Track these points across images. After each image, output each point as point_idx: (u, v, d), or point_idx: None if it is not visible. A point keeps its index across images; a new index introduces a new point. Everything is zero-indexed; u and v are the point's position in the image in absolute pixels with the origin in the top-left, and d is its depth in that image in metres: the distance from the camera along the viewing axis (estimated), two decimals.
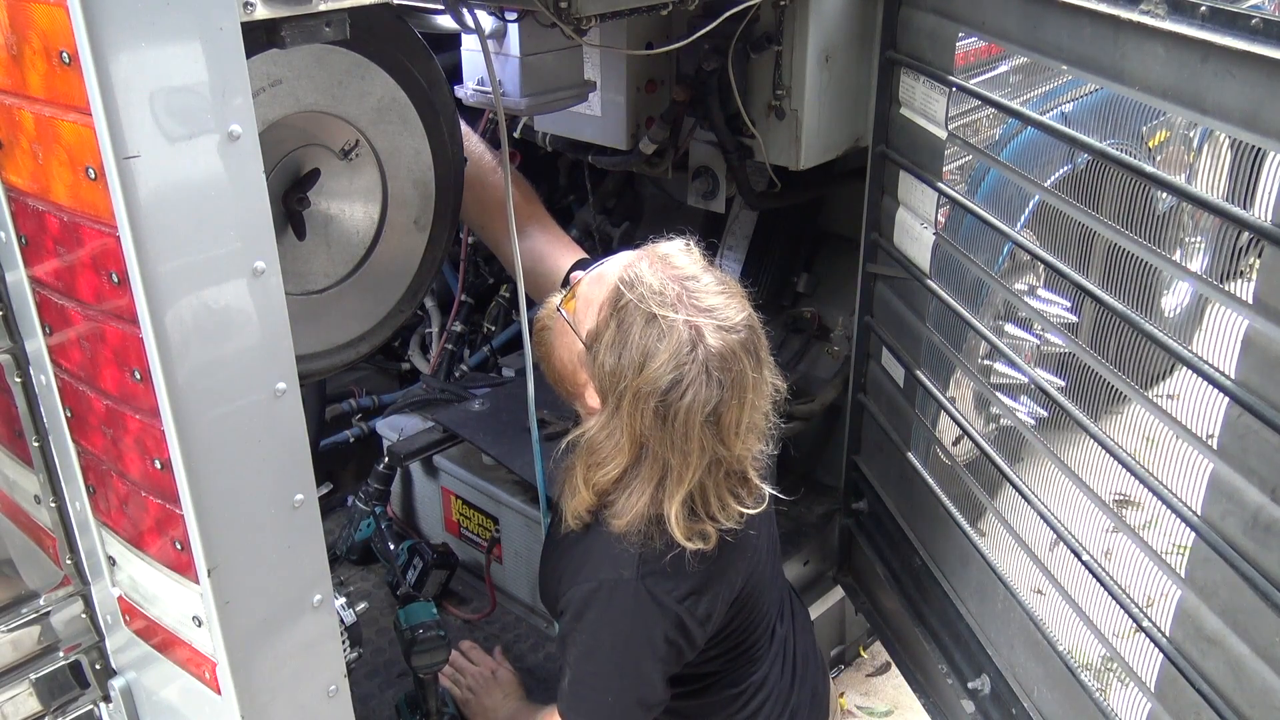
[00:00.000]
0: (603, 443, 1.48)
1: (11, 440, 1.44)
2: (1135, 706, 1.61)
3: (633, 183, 3.00)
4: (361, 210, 1.72)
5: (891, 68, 2.05)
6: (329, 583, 1.38)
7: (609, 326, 1.46)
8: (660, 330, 1.41)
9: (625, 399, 1.43)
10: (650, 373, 1.41)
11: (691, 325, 1.42)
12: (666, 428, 1.42)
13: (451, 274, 3.04)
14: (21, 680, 1.48)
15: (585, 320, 1.52)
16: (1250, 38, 1.22)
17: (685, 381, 1.40)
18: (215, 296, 1.17)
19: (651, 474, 1.46)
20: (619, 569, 1.52)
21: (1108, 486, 1.65)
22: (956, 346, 2.10)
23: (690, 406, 1.41)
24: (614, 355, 1.44)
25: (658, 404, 1.41)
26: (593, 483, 1.51)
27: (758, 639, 1.75)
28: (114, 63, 1.03)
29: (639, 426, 1.44)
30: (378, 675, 2.31)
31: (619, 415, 1.45)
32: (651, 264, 1.47)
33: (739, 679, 1.75)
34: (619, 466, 1.48)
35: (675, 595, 1.53)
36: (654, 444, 1.45)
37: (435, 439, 2.55)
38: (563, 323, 1.58)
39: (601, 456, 1.49)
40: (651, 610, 1.52)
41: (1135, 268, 1.60)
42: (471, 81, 2.00)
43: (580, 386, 1.56)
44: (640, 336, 1.42)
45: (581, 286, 1.57)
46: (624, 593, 1.52)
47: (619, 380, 1.44)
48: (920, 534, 2.23)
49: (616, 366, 1.44)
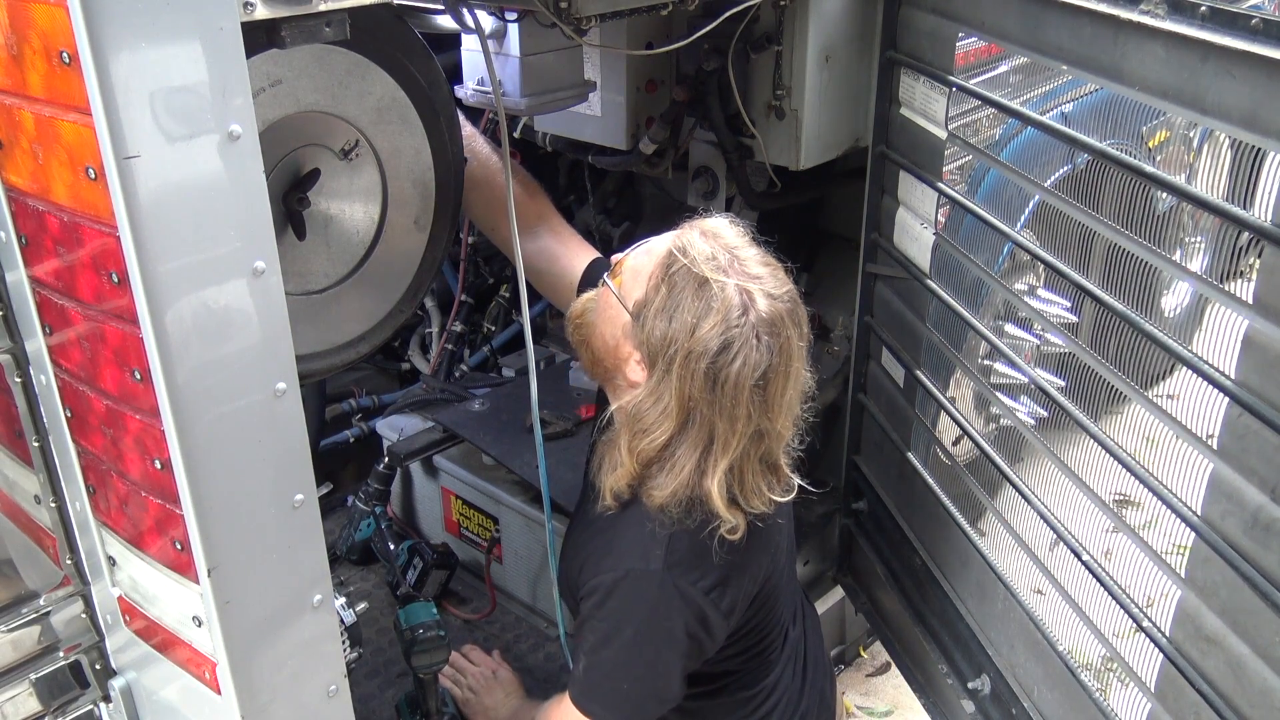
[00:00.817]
0: (649, 409, 1.48)
1: (11, 440, 1.44)
2: (1135, 706, 1.61)
3: (633, 183, 3.01)
4: (361, 210, 1.72)
5: (891, 68, 2.05)
6: (329, 583, 1.38)
7: (659, 292, 1.47)
8: (712, 294, 1.43)
9: (676, 362, 1.44)
10: (702, 335, 1.42)
11: (742, 290, 1.44)
12: (716, 392, 1.43)
13: (451, 274, 3.04)
14: (21, 680, 1.48)
15: (632, 291, 1.53)
16: (1250, 38, 1.22)
17: (736, 345, 1.42)
18: (215, 296, 1.17)
19: (698, 441, 1.47)
20: (646, 559, 1.52)
21: (1108, 486, 1.65)
22: (956, 346, 2.10)
23: (740, 371, 1.42)
24: (665, 320, 1.45)
25: (708, 366, 1.42)
26: (638, 450, 1.50)
27: (772, 640, 1.75)
28: (114, 63, 1.03)
29: (688, 390, 1.44)
30: (378, 675, 2.31)
31: (668, 380, 1.45)
32: (702, 235, 1.50)
33: (752, 681, 1.74)
34: (666, 433, 1.47)
35: (701, 587, 1.53)
36: (702, 409, 1.45)
37: (435, 439, 2.56)
38: (607, 299, 1.58)
39: (648, 423, 1.48)
40: (676, 602, 1.52)
41: (1135, 268, 1.60)
42: (471, 81, 2.00)
43: (622, 362, 1.56)
44: (693, 300, 1.44)
45: (628, 260, 1.58)
46: (649, 583, 1.52)
47: (670, 344, 1.45)
48: (920, 534, 2.23)
49: (668, 331, 1.45)
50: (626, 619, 1.56)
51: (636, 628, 1.56)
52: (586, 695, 1.61)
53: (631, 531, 1.55)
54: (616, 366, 1.58)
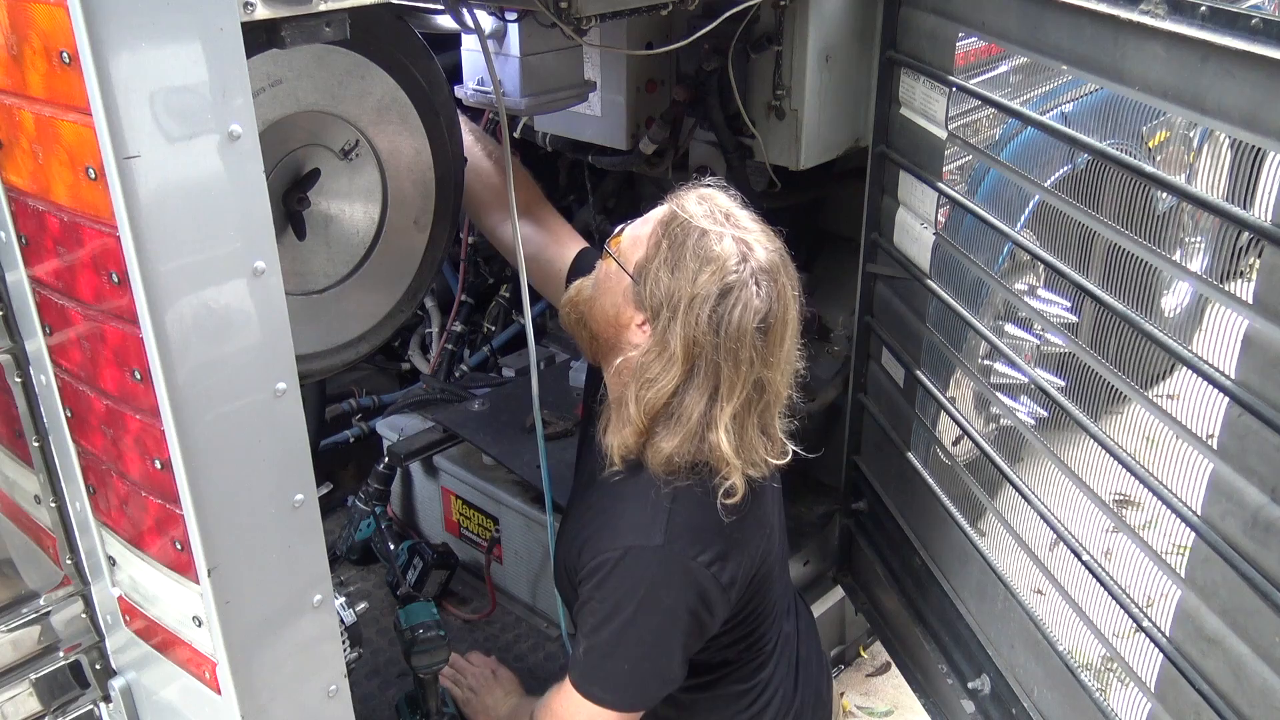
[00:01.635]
0: (655, 360, 1.50)
1: (11, 440, 1.44)
2: (1135, 706, 1.61)
3: (633, 183, 3.00)
4: (361, 210, 1.72)
5: (891, 68, 2.05)
6: (329, 583, 1.38)
7: (660, 249, 1.52)
8: (711, 243, 1.49)
9: (680, 310, 1.48)
10: (704, 281, 1.47)
11: (739, 239, 1.50)
12: (720, 335, 1.47)
13: (451, 274, 3.04)
14: (21, 680, 1.48)
15: (633, 256, 1.57)
16: (1250, 38, 1.22)
17: (737, 290, 1.47)
18: (215, 296, 1.17)
19: (703, 387, 1.49)
20: (647, 535, 1.53)
21: (1108, 486, 1.65)
22: (956, 346, 2.10)
23: (743, 315, 1.47)
24: (667, 272, 1.50)
25: (711, 311, 1.46)
26: (645, 401, 1.51)
27: (766, 631, 1.75)
28: (114, 63, 1.03)
29: (693, 334, 1.47)
30: (378, 675, 2.31)
31: (673, 328, 1.48)
32: (698, 198, 1.56)
33: (747, 675, 1.74)
34: (674, 380, 1.49)
35: (702, 560, 1.53)
36: (707, 354, 1.48)
37: (435, 439, 2.56)
38: (606, 271, 1.62)
39: (655, 373, 1.50)
40: (677, 576, 1.52)
41: (1135, 268, 1.60)
42: (471, 81, 2.00)
43: (623, 329, 1.58)
44: (693, 250, 1.49)
45: (626, 231, 1.62)
46: (650, 559, 1.53)
47: (674, 294, 1.49)
48: (920, 534, 2.23)
49: (670, 282, 1.49)
50: (627, 596, 1.55)
51: (637, 605, 1.55)
52: (587, 678, 1.60)
53: (632, 507, 1.56)
54: (618, 334, 1.59)
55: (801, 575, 2.63)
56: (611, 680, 1.59)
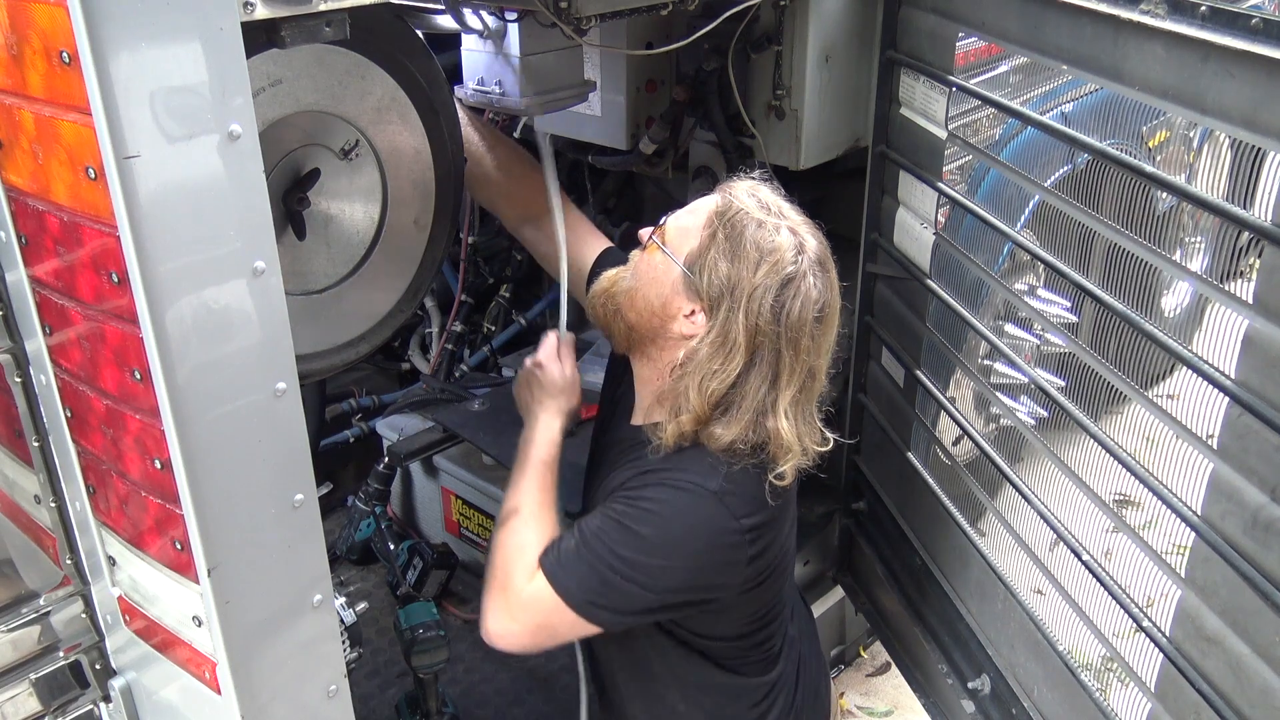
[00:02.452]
0: (717, 350, 1.52)
1: (11, 440, 1.44)
2: (1135, 706, 1.61)
3: (633, 183, 3.00)
4: (361, 210, 1.72)
5: (891, 68, 2.05)
6: (329, 583, 1.38)
7: (715, 239, 1.53)
8: (768, 232, 1.51)
9: (742, 300, 1.49)
10: (765, 270, 1.49)
11: (792, 230, 1.53)
12: (781, 325, 1.50)
13: (451, 274, 3.04)
14: (21, 680, 1.48)
15: (681, 247, 1.58)
16: (1250, 38, 1.22)
17: (797, 278, 1.50)
18: (215, 296, 1.17)
19: (765, 374, 1.52)
20: (706, 478, 1.53)
21: (1108, 486, 1.65)
22: (956, 346, 2.10)
23: (804, 303, 1.50)
24: (726, 261, 1.51)
25: (774, 301, 1.49)
26: (708, 391, 1.52)
27: (776, 628, 1.74)
28: (114, 63, 1.03)
29: (755, 323, 1.49)
30: (378, 675, 2.31)
31: (735, 317, 1.50)
32: (747, 189, 1.58)
33: (757, 672, 1.74)
34: (736, 369, 1.51)
35: (746, 523, 1.52)
36: (769, 342, 1.50)
37: (435, 439, 2.56)
38: (649, 262, 1.62)
39: (717, 364, 1.51)
40: (716, 522, 1.51)
41: (1135, 268, 1.60)
42: (471, 81, 2.00)
43: (669, 319, 1.58)
44: (752, 239, 1.51)
45: (671, 223, 1.63)
46: (700, 498, 1.52)
47: (734, 284, 1.50)
48: (920, 534, 2.23)
49: (730, 271, 1.51)
50: (656, 515, 1.52)
51: (662, 526, 1.52)
52: (561, 565, 1.54)
53: (691, 458, 1.56)
54: (662, 324, 1.60)
55: (801, 575, 2.63)
56: (584, 582, 1.53)
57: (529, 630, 1.56)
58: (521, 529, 1.61)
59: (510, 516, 1.64)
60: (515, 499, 1.66)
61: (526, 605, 1.55)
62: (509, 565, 1.58)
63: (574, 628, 1.55)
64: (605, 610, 1.54)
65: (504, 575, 1.58)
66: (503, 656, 2.33)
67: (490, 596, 1.58)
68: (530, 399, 1.80)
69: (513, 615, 1.56)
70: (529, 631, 1.56)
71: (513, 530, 1.62)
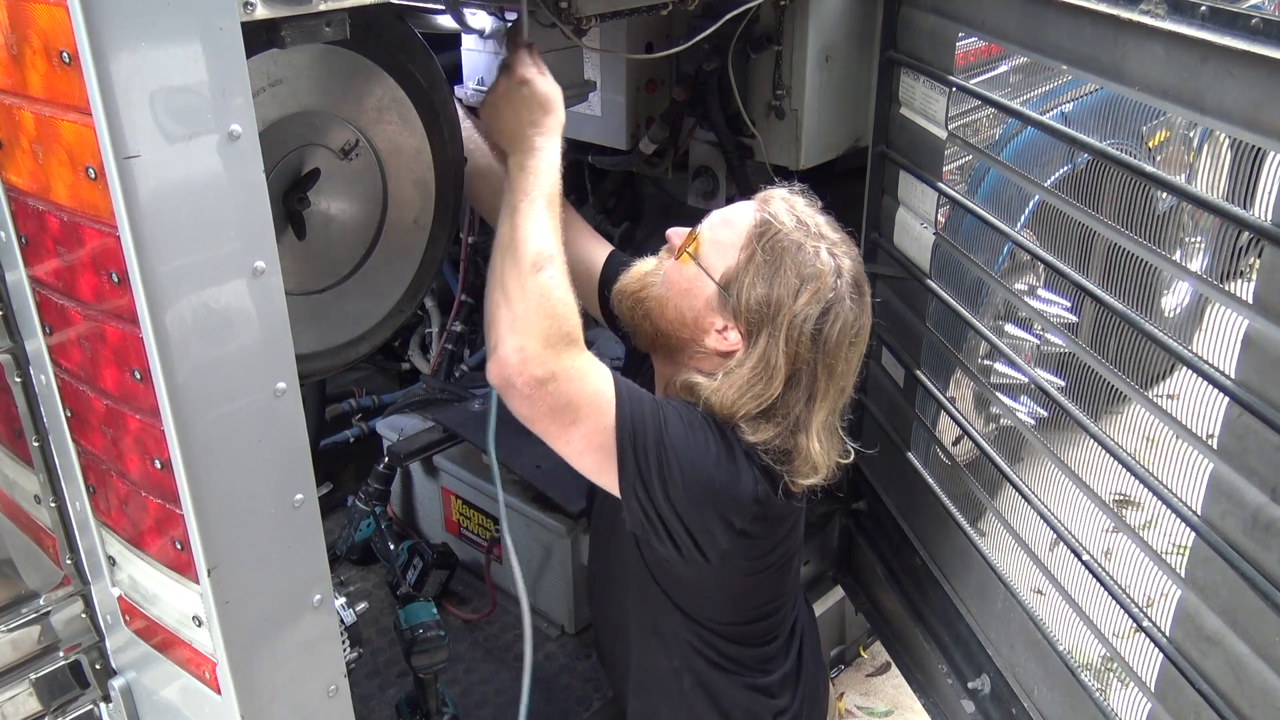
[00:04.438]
0: (756, 376, 1.51)
1: (11, 440, 1.44)
2: (1135, 706, 1.61)
3: (633, 183, 3.00)
4: (361, 210, 1.72)
5: (891, 68, 2.05)
6: (329, 583, 1.38)
7: (754, 260, 1.52)
8: (808, 257, 1.51)
9: (783, 326, 1.50)
10: (808, 297, 1.50)
11: (831, 253, 1.53)
12: (819, 349, 1.51)
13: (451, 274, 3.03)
14: (21, 680, 1.48)
15: (716, 263, 1.56)
16: (1250, 38, 1.22)
17: (836, 303, 1.51)
18: (215, 296, 1.17)
19: (801, 394, 1.53)
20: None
21: (1108, 486, 1.65)
22: (956, 346, 2.10)
23: (842, 330, 1.51)
24: (764, 285, 1.51)
25: (814, 329, 1.50)
26: (742, 410, 1.52)
27: (781, 623, 1.75)
28: (114, 63, 1.03)
29: (795, 349, 1.50)
30: (378, 675, 2.31)
31: (775, 343, 1.50)
32: (785, 205, 1.56)
33: (762, 670, 1.74)
34: (775, 392, 1.51)
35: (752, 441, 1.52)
36: (806, 367, 1.51)
37: (435, 439, 2.55)
38: (681, 273, 1.59)
39: (758, 388, 1.51)
40: (734, 450, 1.51)
41: (1135, 268, 1.60)
42: (471, 81, 2.00)
43: (701, 333, 1.58)
44: (792, 264, 1.51)
45: (705, 234, 1.60)
46: (726, 440, 1.51)
47: (775, 308, 1.50)
48: (920, 534, 2.23)
49: (769, 295, 1.50)
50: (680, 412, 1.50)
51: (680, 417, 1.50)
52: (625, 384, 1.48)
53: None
54: (693, 338, 1.59)
55: (802, 575, 2.63)
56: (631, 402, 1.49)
57: (552, 386, 1.43)
58: (563, 279, 1.48)
59: (545, 262, 1.47)
60: (542, 240, 1.49)
61: (572, 373, 1.44)
62: (565, 313, 1.45)
63: (591, 420, 1.45)
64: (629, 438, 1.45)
65: (556, 320, 1.44)
66: (502, 656, 2.34)
67: (528, 330, 1.43)
68: (522, 121, 1.58)
69: (556, 360, 1.42)
70: (551, 386, 1.43)
71: (555, 278, 1.47)
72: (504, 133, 1.61)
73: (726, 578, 1.62)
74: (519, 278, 1.46)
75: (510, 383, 1.43)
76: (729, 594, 1.67)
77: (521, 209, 1.51)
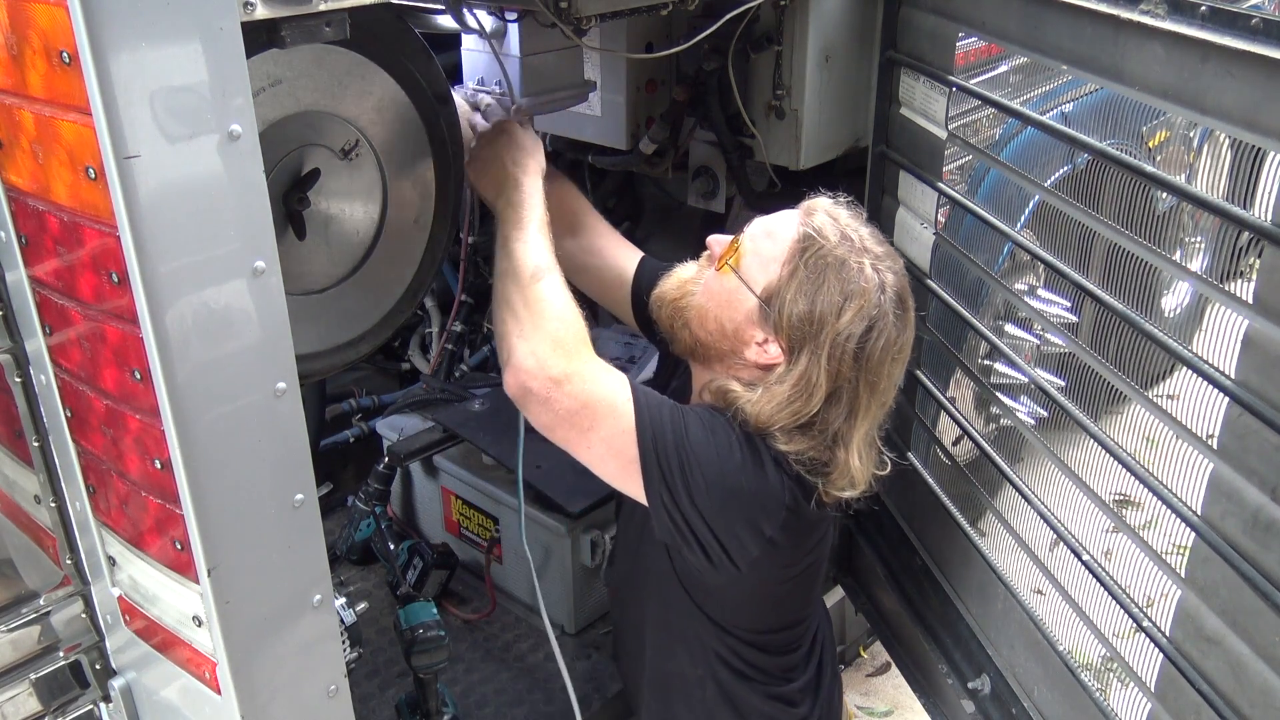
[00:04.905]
0: (798, 394, 1.50)
1: (11, 440, 1.44)
2: (1135, 706, 1.61)
3: (633, 183, 3.00)
4: (361, 210, 1.72)
5: (891, 68, 2.05)
6: (329, 583, 1.38)
7: (797, 275, 1.51)
8: (852, 274, 1.49)
9: (826, 343, 1.48)
10: (851, 315, 1.48)
11: (875, 268, 1.51)
12: (861, 366, 1.49)
13: (451, 274, 3.04)
14: (21, 680, 1.48)
15: (758, 277, 1.55)
16: (1250, 38, 1.22)
17: (879, 319, 1.49)
18: (215, 296, 1.17)
19: (842, 410, 1.52)
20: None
21: (1108, 486, 1.65)
22: (956, 346, 2.10)
23: (885, 347, 1.50)
24: (806, 301, 1.49)
25: (857, 347, 1.48)
26: (778, 423, 1.51)
27: (804, 634, 1.75)
28: (114, 63, 1.03)
29: (837, 368, 1.49)
30: (378, 675, 2.31)
31: (817, 360, 1.49)
32: (829, 218, 1.55)
33: (784, 678, 1.74)
34: (815, 407, 1.51)
35: (788, 482, 1.51)
36: (848, 384, 1.50)
37: (435, 439, 2.56)
38: (720, 284, 1.59)
39: (798, 404, 1.50)
40: (762, 455, 1.50)
41: (1135, 268, 1.60)
42: (471, 81, 2.00)
43: (741, 345, 1.57)
44: (835, 280, 1.49)
45: (747, 245, 1.59)
46: (753, 445, 1.50)
47: (818, 325, 1.49)
48: (920, 534, 2.23)
49: (811, 312, 1.49)
50: (702, 422, 1.50)
51: (705, 427, 1.50)
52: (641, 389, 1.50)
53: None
54: (733, 350, 1.58)
55: None
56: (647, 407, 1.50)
57: (567, 388, 1.47)
58: (564, 287, 1.54)
59: (544, 273, 1.55)
60: (539, 257, 1.56)
61: (587, 375, 1.48)
62: (571, 317, 1.51)
63: (608, 423, 1.47)
64: (650, 452, 1.47)
65: (564, 323, 1.50)
66: (502, 656, 2.34)
67: (538, 336, 1.48)
68: (505, 161, 1.68)
69: (569, 361, 1.47)
70: (566, 387, 1.47)
71: (557, 288, 1.54)
72: (490, 177, 1.69)
73: (758, 586, 1.62)
74: (521, 291, 1.53)
75: (527, 389, 1.47)
76: (760, 603, 1.67)
77: (514, 237, 1.59)
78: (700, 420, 1.51)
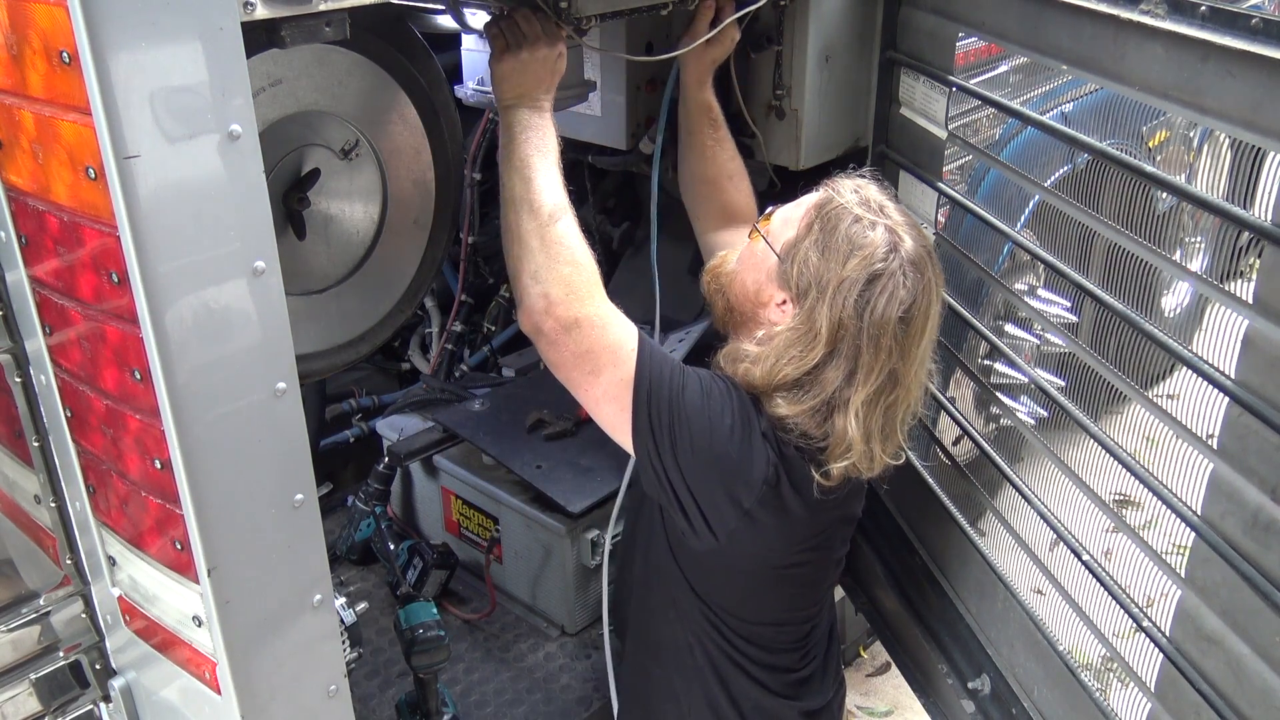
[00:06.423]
0: (799, 339, 1.52)
1: (11, 440, 1.44)
2: (1135, 706, 1.61)
3: (633, 183, 3.00)
4: (361, 210, 1.72)
5: (891, 68, 2.05)
6: (329, 583, 1.38)
7: (812, 230, 1.54)
8: (863, 229, 1.51)
9: (828, 292, 1.50)
10: (854, 265, 1.50)
11: (890, 229, 1.52)
12: (864, 321, 1.49)
13: (451, 274, 3.04)
14: (21, 680, 1.48)
15: (782, 236, 1.59)
16: (1250, 38, 1.22)
17: (885, 276, 1.50)
18: (215, 296, 1.17)
19: (842, 367, 1.51)
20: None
21: (1108, 486, 1.65)
22: (956, 346, 2.10)
23: (889, 303, 1.50)
24: (816, 253, 1.52)
25: (859, 296, 1.49)
26: (780, 374, 1.52)
27: (813, 618, 1.75)
28: (114, 63, 1.03)
29: (839, 317, 1.49)
30: (378, 675, 2.31)
31: (820, 308, 1.51)
32: (851, 185, 1.58)
33: (790, 671, 1.76)
34: (815, 357, 1.51)
35: (772, 470, 1.52)
36: (850, 336, 1.50)
37: (435, 439, 2.55)
38: (752, 248, 1.65)
39: (796, 351, 1.52)
40: (751, 439, 1.51)
41: (1135, 268, 1.60)
42: (471, 81, 2.00)
43: (761, 306, 1.60)
44: (846, 231, 1.52)
45: (778, 212, 1.64)
46: (746, 415, 1.51)
47: (822, 276, 1.51)
48: (920, 534, 2.23)
49: (819, 263, 1.52)
50: (702, 379, 1.53)
51: (704, 389, 1.52)
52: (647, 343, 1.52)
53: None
54: (754, 312, 1.62)
55: None
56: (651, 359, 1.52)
57: (576, 333, 1.49)
58: (578, 230, 1.56)
59: (561, 213, 1.55)
60: (559, 194, 1.56)
61: (596, 321, 1.50)
62: (585, 261, 1.52)
63: (611, 369, 1.49)
64: (647, 403, 1.49)
65: (577, 268, 1.51)
66: (502, 656, 2.34)
67: (551, 278, 1.50)
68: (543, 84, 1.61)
69: (581, 306, 1.49)
70: (575, 332, 1.49)
71: (573, 229, 1.55)
72: (519, 86, 1.60)
73: (738, 563, 1.62)
74: (538, 229, 1.53)
75: (539, 329, 1.50)
76: (742, 588, 1.67)
77: (534, 163, 1.56)
78: (700, 382, 1.53)
